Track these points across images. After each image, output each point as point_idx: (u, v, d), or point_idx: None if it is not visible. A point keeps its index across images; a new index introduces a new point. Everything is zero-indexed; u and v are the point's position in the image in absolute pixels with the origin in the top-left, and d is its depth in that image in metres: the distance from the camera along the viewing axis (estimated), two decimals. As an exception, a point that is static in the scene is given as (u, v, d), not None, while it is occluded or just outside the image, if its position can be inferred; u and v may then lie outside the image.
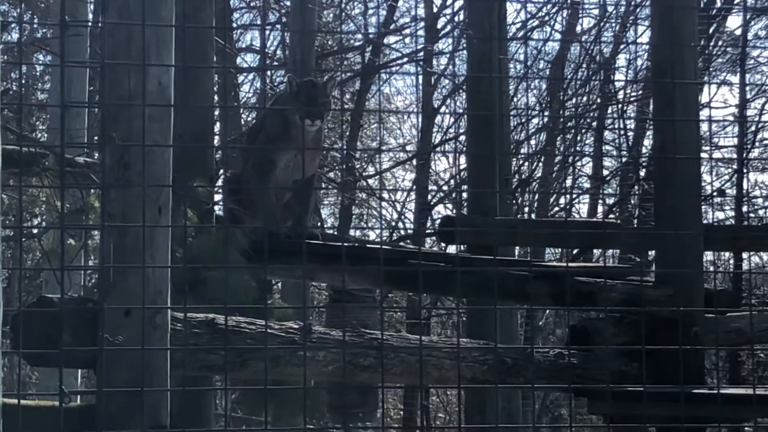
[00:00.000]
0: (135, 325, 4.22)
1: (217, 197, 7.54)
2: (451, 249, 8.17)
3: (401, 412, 16.50)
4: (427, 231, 14.88)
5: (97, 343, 4.22)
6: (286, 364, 5.02)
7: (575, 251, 12.37)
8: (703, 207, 6.72)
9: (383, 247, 7.02)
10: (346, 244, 6.64)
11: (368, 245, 7.04)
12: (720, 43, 15.61)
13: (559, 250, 12.65)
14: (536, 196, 16.29)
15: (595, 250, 11.84)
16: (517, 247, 10.86)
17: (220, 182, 8.47)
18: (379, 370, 5.22)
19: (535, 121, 16.22)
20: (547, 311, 15.63)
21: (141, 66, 4.26)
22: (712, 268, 9.87)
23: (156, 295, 4.33)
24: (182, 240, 5.49)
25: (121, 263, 4.27)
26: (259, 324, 5.02)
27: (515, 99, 15.55)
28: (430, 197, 16.44)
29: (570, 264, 7.71)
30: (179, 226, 5.05)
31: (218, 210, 7.39)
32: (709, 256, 10.04)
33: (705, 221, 6.84)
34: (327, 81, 7.13)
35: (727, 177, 15.06)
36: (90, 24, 12.09)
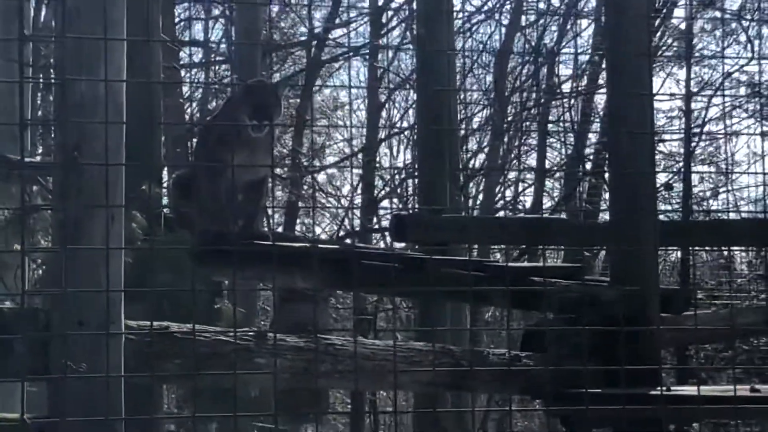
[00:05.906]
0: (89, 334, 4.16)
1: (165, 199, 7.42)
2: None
3: (348, 407, 16.48)
4: (374, 227, 14.83)
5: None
6: (242, 370, 4.93)
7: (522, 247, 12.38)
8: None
9: (332, 247, 6.92)
10: (297, 244, 6.55)
11: (319, 245, 6.95)
12: (665, 36, 15.70)
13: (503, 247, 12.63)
14: (481, 188, 16.32)
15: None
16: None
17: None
18: (335, 375, 5.16)
19: (480, 114, 16.27)
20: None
21: (95, 74, 4.21)
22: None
23: (110, 304, 4.25)
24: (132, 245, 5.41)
25: (74, 271, 4.20)
26: (213, 331, 4.93)
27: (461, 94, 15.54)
28: (377, 192, 16.41)
29: (522, 264, 7.68)
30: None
31: (167, 212, 7.27)
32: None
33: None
34: (277, 83, 6.99)
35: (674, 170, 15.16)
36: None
